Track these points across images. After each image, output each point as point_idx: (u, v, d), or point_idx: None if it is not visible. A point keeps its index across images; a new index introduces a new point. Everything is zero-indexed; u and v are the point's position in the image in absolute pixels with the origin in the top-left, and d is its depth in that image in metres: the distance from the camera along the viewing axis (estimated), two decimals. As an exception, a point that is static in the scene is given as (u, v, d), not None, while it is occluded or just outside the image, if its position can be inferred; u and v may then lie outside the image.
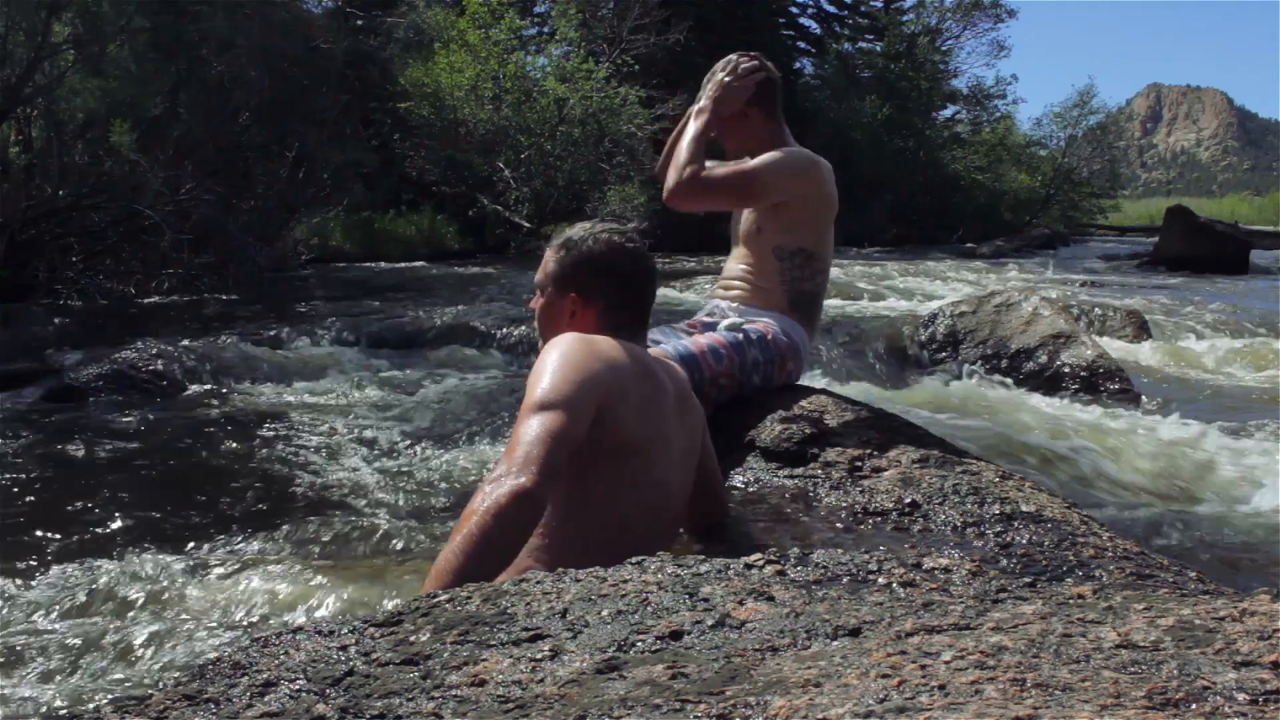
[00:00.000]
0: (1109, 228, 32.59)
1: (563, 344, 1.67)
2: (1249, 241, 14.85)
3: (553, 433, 1.52)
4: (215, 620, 2.01)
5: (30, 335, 6.17)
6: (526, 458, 1.49)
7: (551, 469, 1.49)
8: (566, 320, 1.83)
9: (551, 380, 1.59)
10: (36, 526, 2.71)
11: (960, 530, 1.85)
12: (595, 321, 1.81)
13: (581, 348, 1.66)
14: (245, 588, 2.22)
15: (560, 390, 1.58)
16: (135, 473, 3.31)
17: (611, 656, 0.92)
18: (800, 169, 2.56)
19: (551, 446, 1.51)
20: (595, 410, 1.60)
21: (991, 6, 29.42)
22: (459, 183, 16.33)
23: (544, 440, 1.51)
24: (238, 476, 3.26)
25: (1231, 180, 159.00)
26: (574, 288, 1.83)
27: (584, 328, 1.79)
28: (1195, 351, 6.02)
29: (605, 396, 1.62)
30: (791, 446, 2.19)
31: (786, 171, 2.54)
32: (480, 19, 16.41)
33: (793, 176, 2.55)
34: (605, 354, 1.68)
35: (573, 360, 1.62)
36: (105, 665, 1.82)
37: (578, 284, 1.83)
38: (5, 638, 1.94)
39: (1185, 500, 3.12)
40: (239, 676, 0.93)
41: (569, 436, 1.54)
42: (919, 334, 5.30)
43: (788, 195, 2.55)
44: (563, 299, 1.84)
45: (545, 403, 1.56)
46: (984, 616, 0.94)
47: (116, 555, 2.46)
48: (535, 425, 1.53)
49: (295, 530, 2.69)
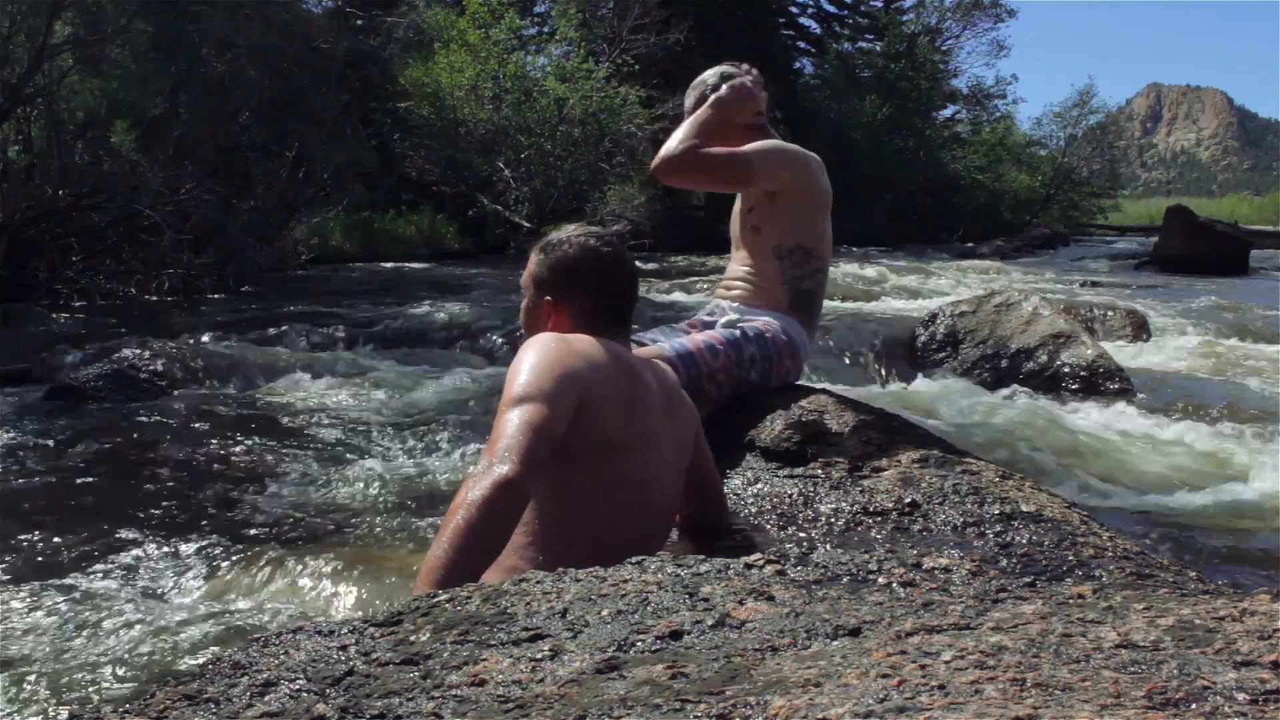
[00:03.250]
0: (1109, 228, 32.58)
1: (539, 342, 1.69)
2: (1249, 241, 14.86)
3: (532, 424, 1.53)
4: (215, 620, 2.01)
5: (30, 335, 6.17)
6: (508, 449, 1.49)
7: (533, 459, 1.50)
8: (546, 322, 1.85)
9: (528, 375, 1.60)
10: (36, 526, 2.71)
11: (960, 530, 1.85)
12: (572, 323, 1.82)
13: (558, 345, 1.68)
14: (245, 587, 2.22)
15: (538, 384, 1.58)
16: (135, 473, 3.31)
17: (611, 656, 0.92)
18: (791, 160, 2.58)
19: (532, 438, 1.52)
20: (575, 405, 1.61)
21: (991, 6, 29.42)
22: (459, 183, 16.33)
23: (524, 431, 1.52)
24: (237, 476, 3.26)
25: (1231, 180, 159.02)
26: (549, 290, 1.86)
27: (562, 329, 1.81)
28: (1195, 351, 6.03)
29: (584, 391, 1.63)
30: (791, 446, 2.19)
31: (777, 160, 2.56)
32: (480, 19, 16.40)
33: (784, 166, 2.57)
34: (582, 351, 1.69)
35: (549, 356, 1.64)
36: (105, 665, 1.82)
37: (552, 286, 1.85)
38: (5, 638, 1.94)
39: (1185, 500, 3.12)
40: (239, 676, 0.93)
41: (549, 428, 1.55)
42: (919, 334, 5.30)
43: (778, 184, 2.56)
44: (541, 301, 1.87)
45: (523, 396, 1.57)
46: (984, 616, 0.94)
47: (116, 555, 2.46)
48: (514, 418, 1.54)
49: (295, 530, 2.69)
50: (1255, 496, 3.08)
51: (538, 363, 1.62)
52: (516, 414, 1.55)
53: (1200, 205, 34.39)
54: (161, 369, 4.78)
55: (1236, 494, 3.14)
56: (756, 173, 2.55)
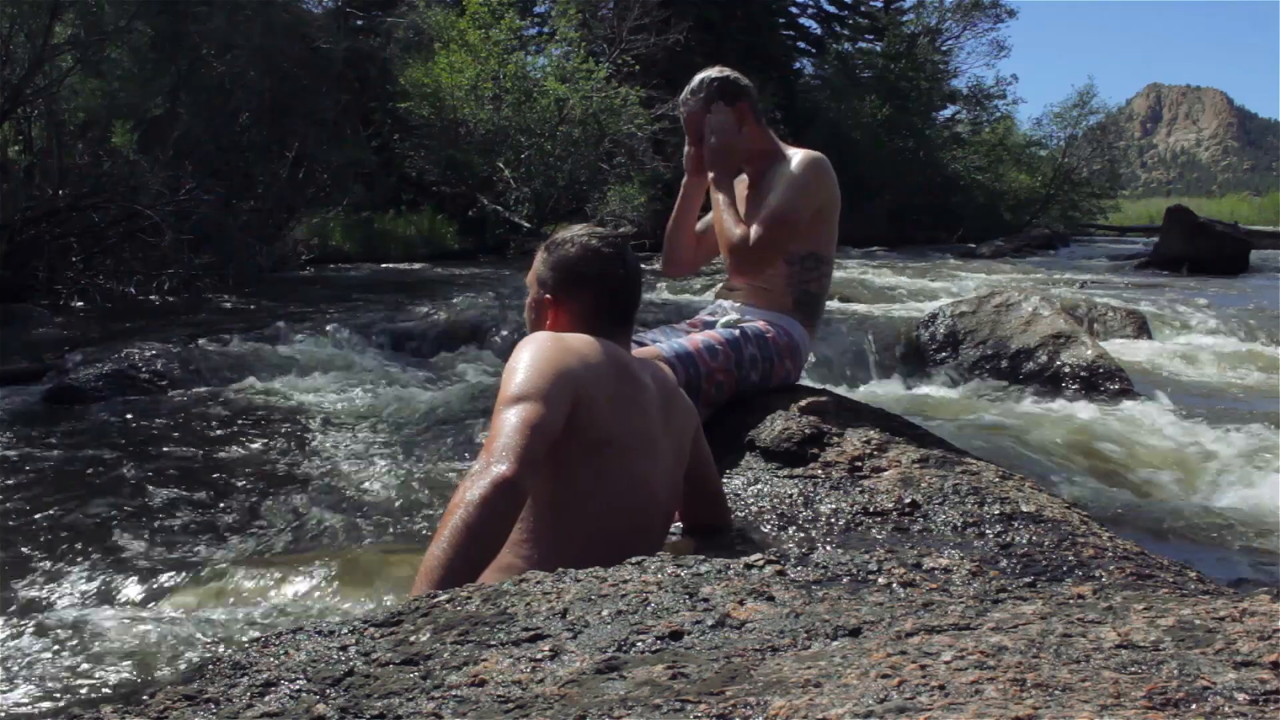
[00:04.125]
0: (1109, 228, 32.58)
1: (535, 341, 1.70)
2: (1249, 241, 14.85)
3: (529, 423, 1.53)
4: (215, 620, 2.01)
5: (30, 335, 6.16)
6: (505, 448, 1.50)
7: (531, 458, 1.50)
8: (546, 320, 1.87)
9: (525, 374, 1.61)
10: (36, 526, 2.71)
11: (960, 530, 1.85)
12: (572, 322, 1.83)
13: (553, 344, 1.68)
14: (245, 587, 2.22)
15: (534, 383, 1.59)
16: (135, 473, 3.31)
17: (611, 656, 0.92)
18: (811, 185, 2.55)
19: (530, 436, 1.52)
20: (571, 403, 1.61)
21: (991, 6, 29.44)
22: (459, 183, 16.32)
23: (521, 430, 1.52)
24: (237, 476, 3.26)
25: (1231, 180, 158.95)
26: (551, 289, 1.87)
27: (561, 328, 1.82)
28: (1195, 351, 6.03)
29: (579, 390, 1.63)
30: (791, 446, 2.19)
31: (805, 194, 2.54)
32: (480, 19, 16.40)
33: (813, 194, 2.55)
34: (577, 349, 1.70)
35: (545, 355, 1.64)
36: (105, 665, 1.82)
37: (554, 286, 1.87)
38: (5, 638, 1.94)
39: (1185, 500, 3.12)
40: (239, 676, 0.93)
41: (546, 427, 1.55)
42: (919, 334, 5.30)
43: (813, 210, 2.56)
44: (543, 299, 1.88)
45: (520, 395, 1.58)
46: (984, 616, 0.94)
47: (116, 555, 2.46)
48: (511, 417, 1.55)
49: (295, 530, 2.69)
50: (1255, 497, 3.08)
51: (533, 361, 1.63)
52: (513, 413, 1.55)
53: (1200, 205, 34.39)
54: (161, 369, 4.78)
55: (1237, 494, 3.14)
56: (802, 218, 2.53)
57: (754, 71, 19.76)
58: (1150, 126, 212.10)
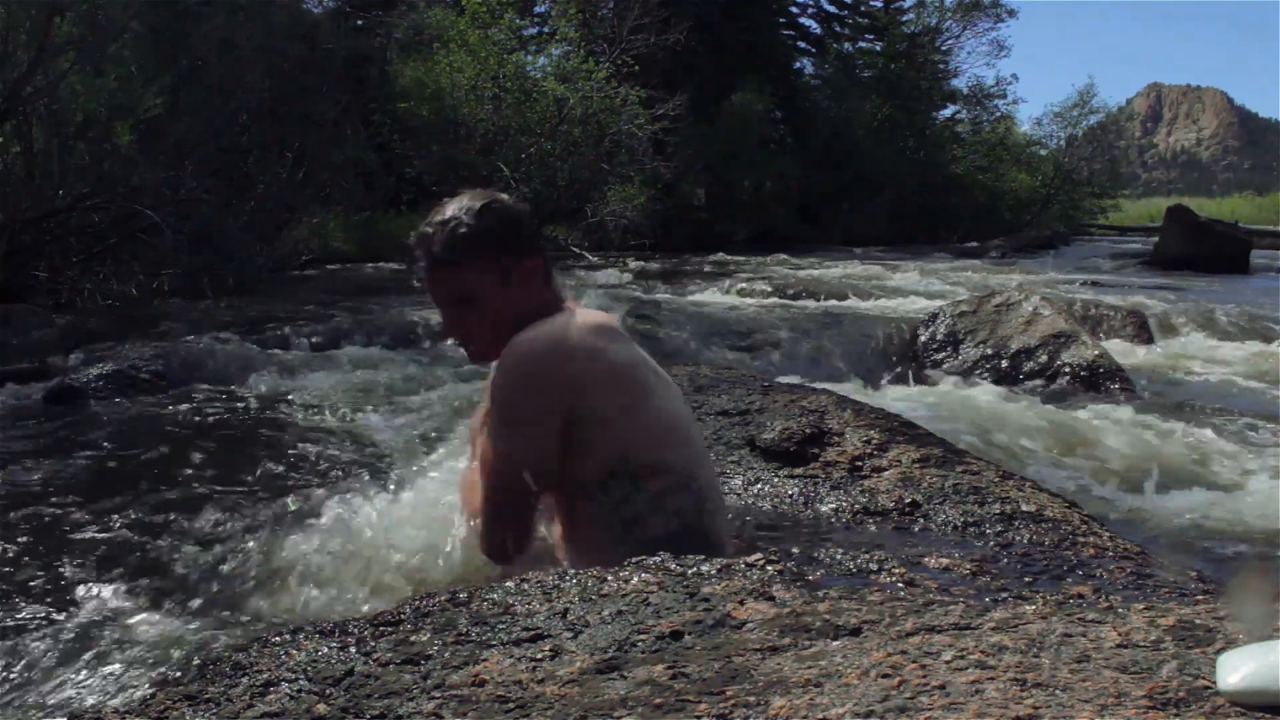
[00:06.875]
0: (1109, 227, 32.56)
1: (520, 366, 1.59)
2: (1249, 241, 14.85)
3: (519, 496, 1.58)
4: (215, 620, 2.01)
5: (30, 335, 6.16)
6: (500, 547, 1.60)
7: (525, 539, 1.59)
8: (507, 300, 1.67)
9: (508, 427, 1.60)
10: (36, 526, 2.71)
11: (960, 530, 1.85)
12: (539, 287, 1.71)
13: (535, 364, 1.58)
14: (245, 587, 2.22)
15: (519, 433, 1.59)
16: (135, 473, 3.31)
17: (611, 656, 0.91)
18: None
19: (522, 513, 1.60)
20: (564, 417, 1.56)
21: (991, 6, 29.40)
22: (459, 183, 16.30)
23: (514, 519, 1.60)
24: (238, 477, 3.26)
25: (1232, 180, 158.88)
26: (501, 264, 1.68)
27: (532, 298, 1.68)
28: (1195, 351, 6.03)
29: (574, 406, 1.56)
30: (792, 446, 2.19)
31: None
32: (480, 19, 16.40)
33: None
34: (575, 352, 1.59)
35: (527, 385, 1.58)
36: (105, 665, 1.82)
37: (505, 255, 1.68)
38: (5, 638, 1.94)
39: (1185, 500, 3.12)
40: (239, 676, 0.93)
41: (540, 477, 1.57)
42: (919, 334, 5.30)
43: None
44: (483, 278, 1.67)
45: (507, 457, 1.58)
46: (984, 616, 0.94)
47: (116, 555, 2.46)
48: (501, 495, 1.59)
49: (295, 530, 2.69)
50: (1255, 497, 3.08)
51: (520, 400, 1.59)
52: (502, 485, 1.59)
53: (1201, 205, 34.34)
54: (161, 369, 4.78)
55: (1236, 494, 3.14)
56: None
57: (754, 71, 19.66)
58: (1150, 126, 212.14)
